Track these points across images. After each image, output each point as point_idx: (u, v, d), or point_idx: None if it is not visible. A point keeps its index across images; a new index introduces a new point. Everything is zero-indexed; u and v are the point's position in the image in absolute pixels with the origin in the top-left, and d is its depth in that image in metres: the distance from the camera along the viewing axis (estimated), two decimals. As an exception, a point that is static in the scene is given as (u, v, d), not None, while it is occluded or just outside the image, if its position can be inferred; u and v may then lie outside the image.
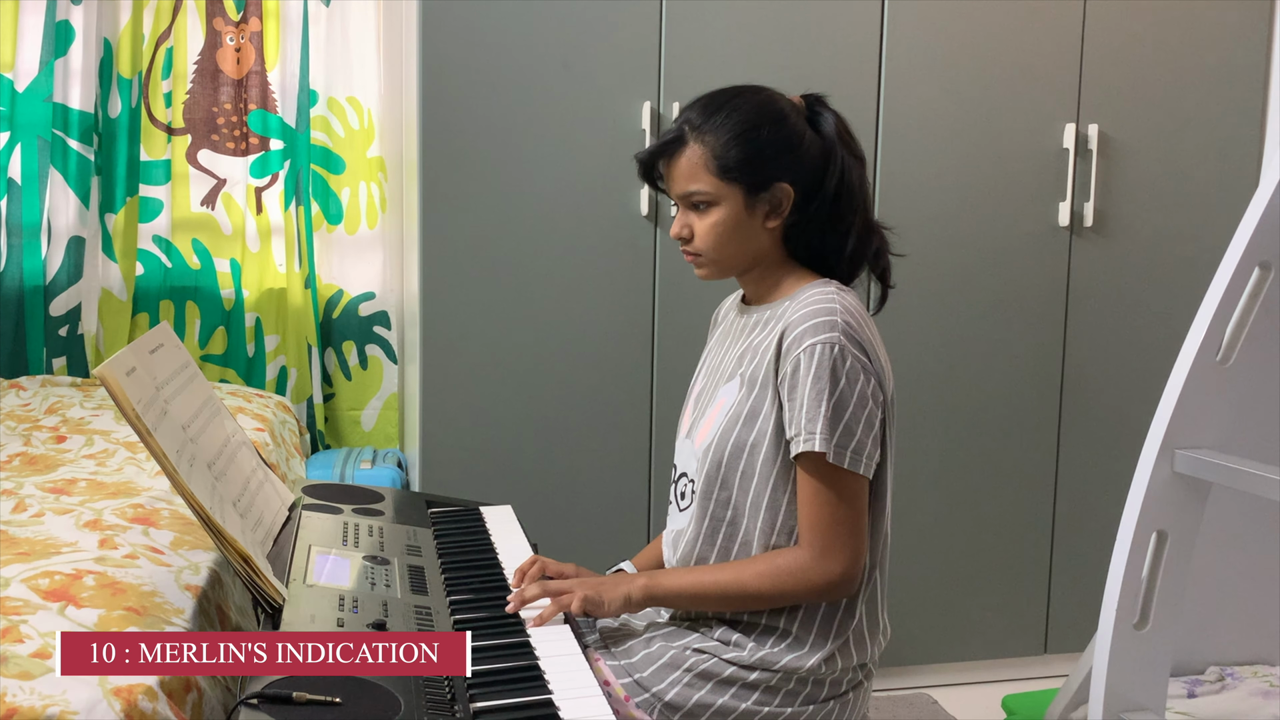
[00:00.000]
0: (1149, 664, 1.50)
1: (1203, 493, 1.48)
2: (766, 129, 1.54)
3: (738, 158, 1.53)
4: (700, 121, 1.55)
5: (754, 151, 1.53)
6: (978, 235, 2.80)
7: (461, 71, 2.51)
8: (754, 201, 1.55)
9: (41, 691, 1.15)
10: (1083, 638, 2.97)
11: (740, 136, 1.53)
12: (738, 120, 1.54)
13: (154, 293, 2.93)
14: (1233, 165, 2.91)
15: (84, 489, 1.86)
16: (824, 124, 1.58)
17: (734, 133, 1.53)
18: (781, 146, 1.54)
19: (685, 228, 1.59)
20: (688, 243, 1.60)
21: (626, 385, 2.66)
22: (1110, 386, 2.92)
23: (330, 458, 2.85)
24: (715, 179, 1.54)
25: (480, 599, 1.60)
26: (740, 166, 1.53)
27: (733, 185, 1.54)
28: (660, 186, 1.63)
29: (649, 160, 1.61)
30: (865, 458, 1.50)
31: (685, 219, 1.59)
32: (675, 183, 1.58)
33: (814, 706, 1.55)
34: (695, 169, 1.55)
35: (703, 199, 1.56)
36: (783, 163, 1.54)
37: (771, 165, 1.54)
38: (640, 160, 1.62)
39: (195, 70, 2.91)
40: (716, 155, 1.54)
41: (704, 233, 1.57)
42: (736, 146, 1.53)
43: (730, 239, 1.57)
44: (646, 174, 1.63)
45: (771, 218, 1.56)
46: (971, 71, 2.74)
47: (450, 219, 2.54)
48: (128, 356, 1.43)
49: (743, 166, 1.53)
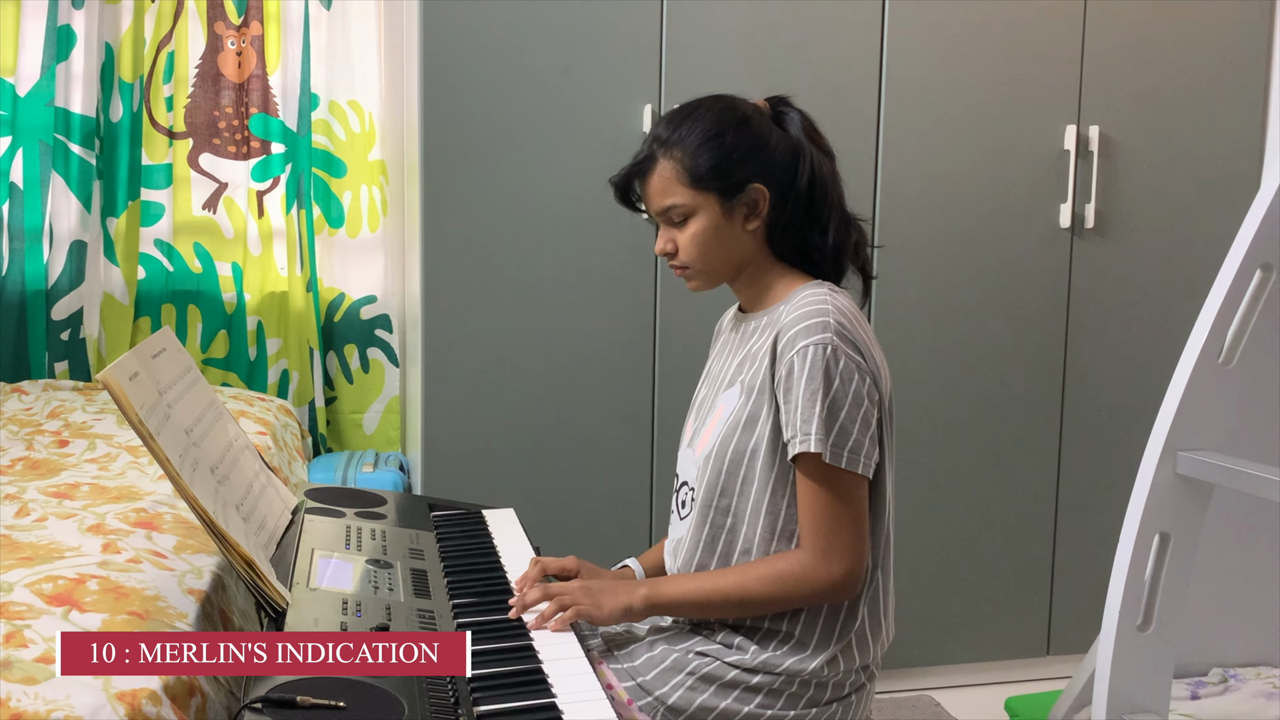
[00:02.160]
0: (1152, 665, 1.50)
1: (1205, 494, 1.48)
2: (731, 133, 1.55)
3: (708, 165, 1.55)
4: (667, 135, 1.57)
5: (722, 156, 1.55)
6: (979, 237, 2.80)
7: (462, 74, 2.51)
8: (730, 206, 1.56)
9: (46, 696, 1.15)
10: (1085, 639, 2.97)
11: (707, 144, 1.55)
12: (702, 129, 1.56)
13: (156, 296, 2.93)
14: (1233, 166, 2.91)
15: (87, 493, 1.86)
16: (790, 123, 1.60)
17: (700, 141, 1.55)
18: (749, 149, 1.56)
19: (669, 243, 1.61)
20: (673, 257, 1.61)
21: (628, 388, 2.66)
22: (1112, 388, 2.92)
23: (332, 461, 2.85)
24: (689, 189, 1.56)
25: (483, 602, 1.60)
26: (711, 173, 1.55)
27: (707, 193, 1.56)
28: (638, 208, 1.64)
29: (624, 184, 1.62)
30: (863, 457, 1.50)
31: (667, 235, 1.61)
32: (651, 200, 1.60)
33: (817, 709, 1.55)
34: (668, 183, 1.57)
35: (680, 212, 1.57)
36: (753, 164, 1.56)
37: (742, 168, 1.55)
38: (615, 184, 1.63)
39: (196, 74, 2.92)
40: (687, 167, 1.55)
41: (687, 245, 1.59)
42: (705, 154, 1.55)
43: (714, 247, 1.58)
44: (623, 198, 1.64)
45: (751, 219, 1.58)
46: (972, 73, 2.75)
47: (451, 222, 2.55)
48: (130, 361, 1.43)
49: (714, 173, 1.55)
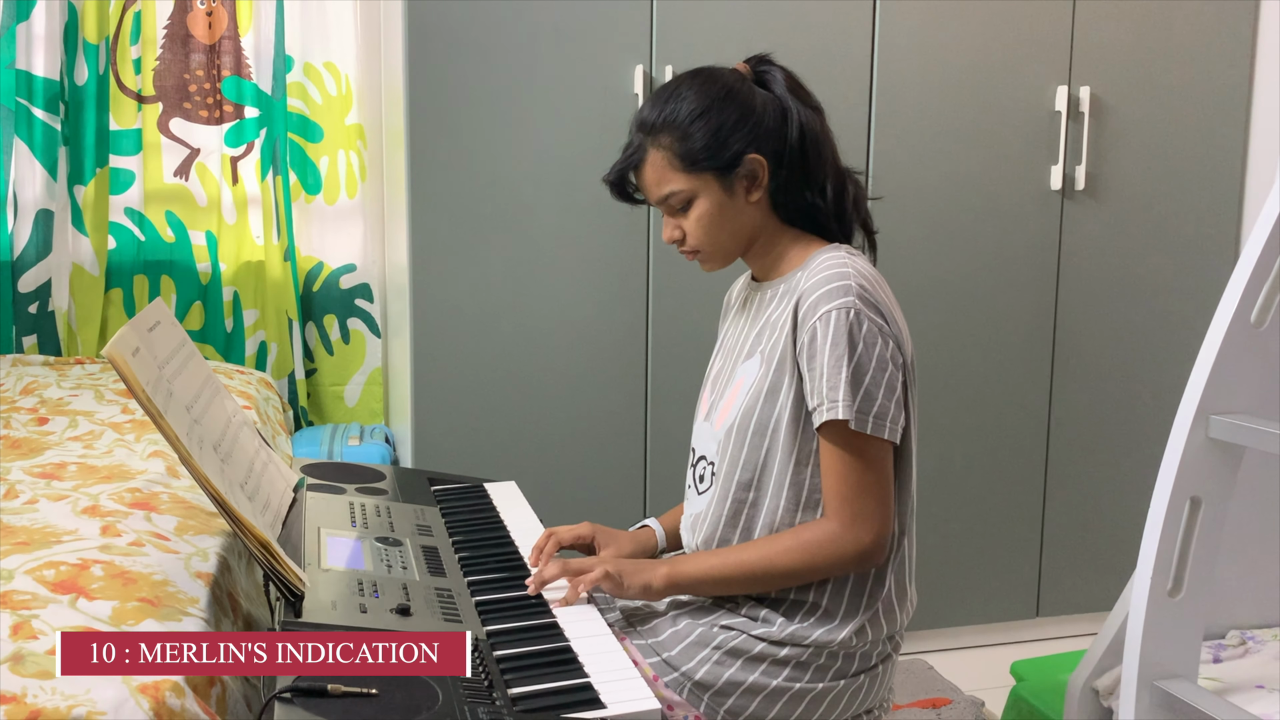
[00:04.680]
0: (1182, 630, 1.49)
1: (1236, 458, 1.46)
2: (717, 108, 1.51)
3: (699, 146, 1.50)
4: (652, 121, 1.53)
5: (712, 134, 1.50)
6: (971, 199, 2.78)
7: (448, 35, 2.43)
8: (729, 182, 1.52)
9: (64, 691, 1.09)
10: (1075, 601, 3.00)
11: (695, 124, 1.50)
12: (687, 109, 1.51)
13: (127, 267, 2.83)
14: (1220, 127, 2.90)
15: (75, 473, 1.78)
16: (773, 83, 1.55)
17: (688, 122, 1.50)
18: (737, 119, 1.51)
19: (675, 229, 1.57)
20: (682, 244, 1.57)
21: (621, 357, 2.61)
22: (1102, 349, 2.92)
23: (316, 434, 2.78)
24: (684, 174, 1.52)
25: (499, 579, 1.56)
26: (704, 153, 1.50)
27: (703, 174, 1.51)
28: (638, 199, 1.60)
29: (618, 180, 1.58)
30: (889, 422, 1.47)
31: (672, 222, 1.57)
32: (649, 191, 1.56)
33: (844, 681, 1.53)
34: (662, 172, 1.53)
35: (680, 198, 1.53)
36: (743, 134, 1.51)
37: (733, 142, 1.50)
38: (610, 183, 1.58)
39: (165, 35, 2.80)
40: (678, 152, 1.51)
41: (693, 229, 1.55)
42: (694, 135, 1.50)
43: (721, 226, 1.54)
44: (620, 193, 1.59)
45: (753, 191, 1.54)
46: (964, 34, 2.71)
47: (439, 187, 2.47)
48: (130, 336, 1.36)
49: (706, 152, 1.50)
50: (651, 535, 1.73)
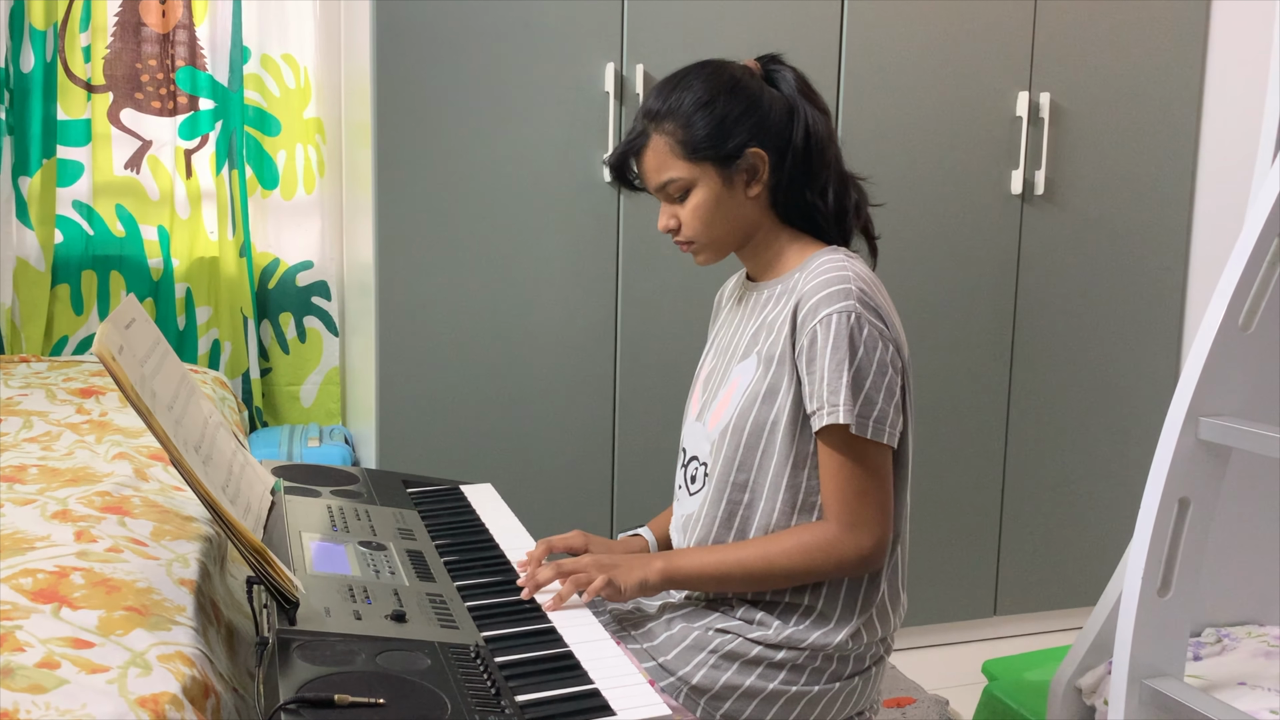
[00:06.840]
0: (1170, 630, 1.51)
1: (1224, 459, 1.49)
2: (723, 99, 1.50)
3: (701, 134, 1.49)
4: (657, 108, 1.52)
5: (715, 124, 1.49)
6: (933, 203, 2.80)
7: (417, 29, 2.38)
8: (729, 174, 1.51)
9: (59, 706, 1.04)
10: (1031, 600, 3.04)
11: (699, 113, 1.49)
12: (693, 98, 1.50)
13: (75, 262, 2.74)
14: (1172, 134, 2.97)
15: (37, 476, 1.71)
16: (782, 82, 1.55)
17: (692, 110, 1.50)
18: (742, 112, 1.50)
19: (671, 218, 1.56)
20: (677, 233, 1.56)
21: (589, 354, 2.59)
22: (1059, 351, 2.96)
23: (273, 435, 2.72)
24: (685, 162, 1.51)
25: (489, 584, 1.52)
26: (706, 142, 1.49)
27: (704, 164, 1.50)
28: (637, 186, 1.59)
29: (619, 164, 1.57)
30: (888, 427, 1.46)
31: (669, 211, 1.56)
32: (648, 177, 1.55)
33: (839, 684, 1.52)
34: (663, 158, 1.52)
35: (678, 186, 1.52)
36: (747, 128, 1.50)
37: (736, 133, 1.50)
38: (611, 165, 1.58)
39: (116, 23, 2.72)
40: (680, 139, 1.50)
41: (689, 219, 1.53)
42: (698, 123, 1.49)
43: (717, 218, 1.53)
44: (620, 178, 1.58)
45: (752, 185, 1.52)
46: (928, 40, 2.73)
47: (406, 183, 2.42)
48: (113, 333, 1.30)
49: (709, 142, 1.49)
50: (643, 543, 1.71)
